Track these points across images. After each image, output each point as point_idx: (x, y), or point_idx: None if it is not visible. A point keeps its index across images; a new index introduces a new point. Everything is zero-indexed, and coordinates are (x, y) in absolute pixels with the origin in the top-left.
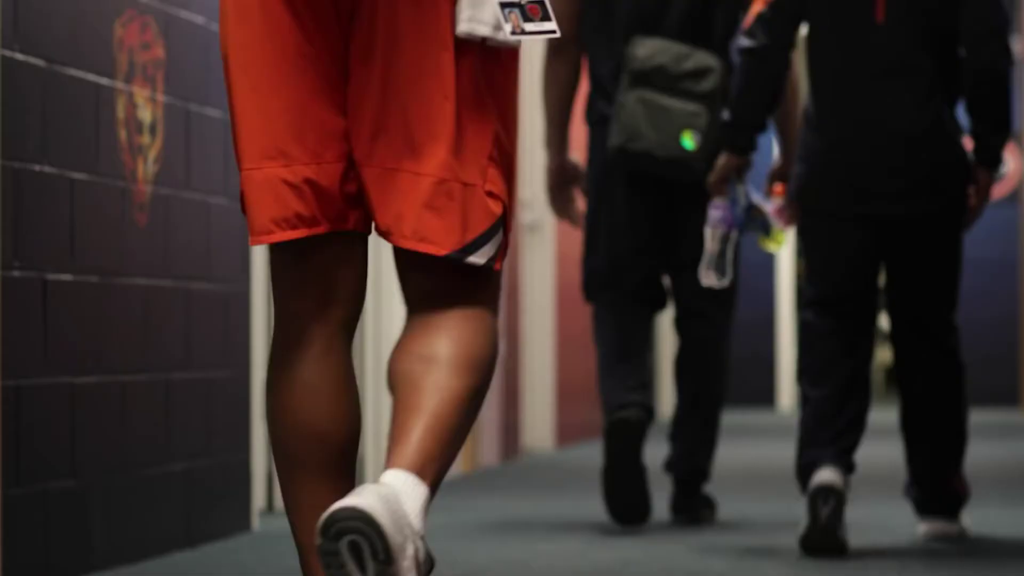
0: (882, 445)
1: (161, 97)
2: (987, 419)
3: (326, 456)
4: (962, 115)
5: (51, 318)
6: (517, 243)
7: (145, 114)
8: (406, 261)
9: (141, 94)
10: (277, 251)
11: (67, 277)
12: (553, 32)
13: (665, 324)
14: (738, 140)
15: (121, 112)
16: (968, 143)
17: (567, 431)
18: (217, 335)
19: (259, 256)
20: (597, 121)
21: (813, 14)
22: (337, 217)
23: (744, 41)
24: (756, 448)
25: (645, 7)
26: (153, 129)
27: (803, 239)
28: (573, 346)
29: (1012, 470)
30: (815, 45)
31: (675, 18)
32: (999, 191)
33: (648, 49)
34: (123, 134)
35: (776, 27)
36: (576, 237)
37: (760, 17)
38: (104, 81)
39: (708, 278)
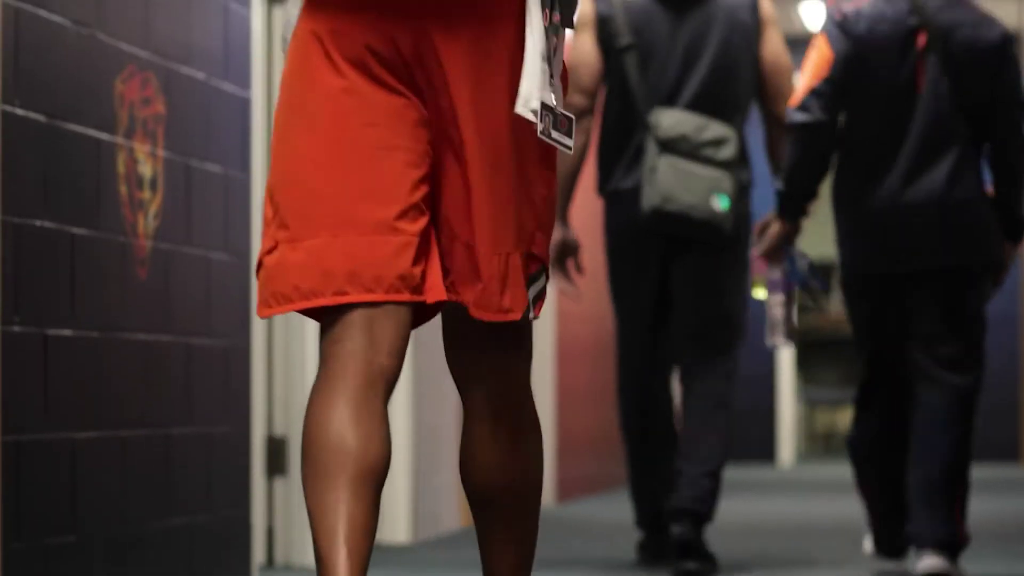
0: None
1: (162, 152)
2: (987, 474)
3: (355, 472)
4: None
5: (51, 373)
6: None
7: (146, 169)
8: (471, 328)
9: (142, 149)
10: (337, 311)
11: (67, 332)
12: (568, 148)
13: None
14: (791, 208)
15: (122, 167)
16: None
17: (568, 486)
18: (217, 390)
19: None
20: (613, 192)
21: (857, 86)
22: (395, 287)
23: (798, 116)
24: (756, 503)
25: (662, 83)
26: (154, 184)
27: (849, 295)
28: (573, 401)
29: (1012, 525)
30: (855, 114)
31: (690, 94)
32: None
33: (671, 119)
34: (124, 189)
35: (830, 102)
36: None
37: (814, 92)
38: (105, 136)
39: (776, 341)
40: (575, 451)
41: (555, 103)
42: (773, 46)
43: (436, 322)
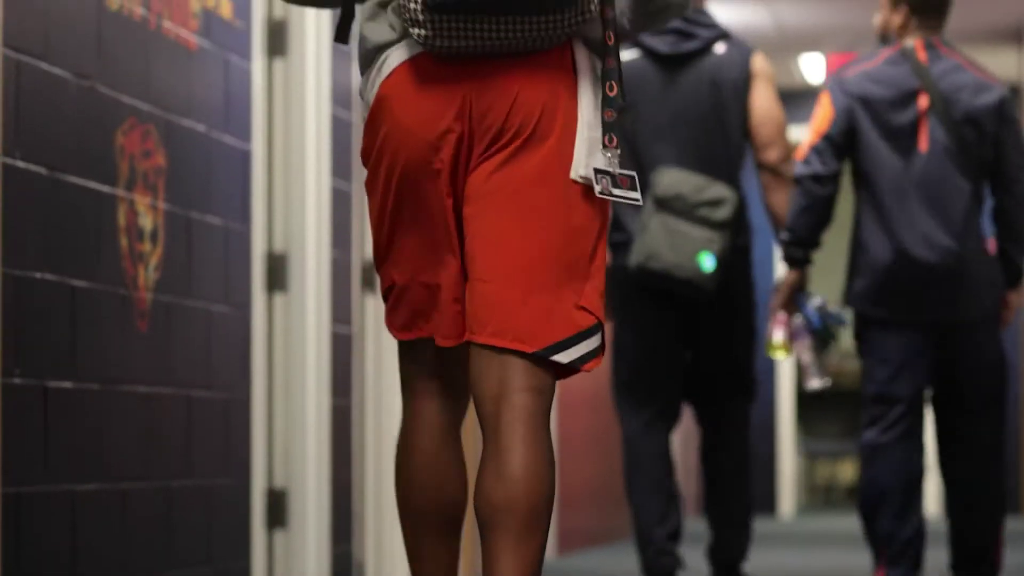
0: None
1: (162, 205)
2: None
3: (440, 515)
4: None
5: (52, 425)
6: None
7: (146, 222)
8: (492, 359)
9: (142, 202)
10: (407, 344)
11: (68, 384)
12: (636, 201)
13: None
14: (797, 256)
15: (122, 220)
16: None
17: (569, 538)
18: (217, 442)
19: (259, 364)
20: (613, 245)
21: (861, 145)
22: (457, 332)
23: (800, 168)
24: (758, 555)
25: (655, 141)
26: (154, 236)
27: (862, 345)
28: (573, 451)
29: None
30: (862, 172)
31: (683, 152)
32: None
33: (671, 178)
34: (124, 241)
35: (828, 157)
36: None
37: (815, 149)
38: (105, 189)
39: (813, 383)
40: (576, 502)
41: (610, 166)
42: (762, 99)
43: None
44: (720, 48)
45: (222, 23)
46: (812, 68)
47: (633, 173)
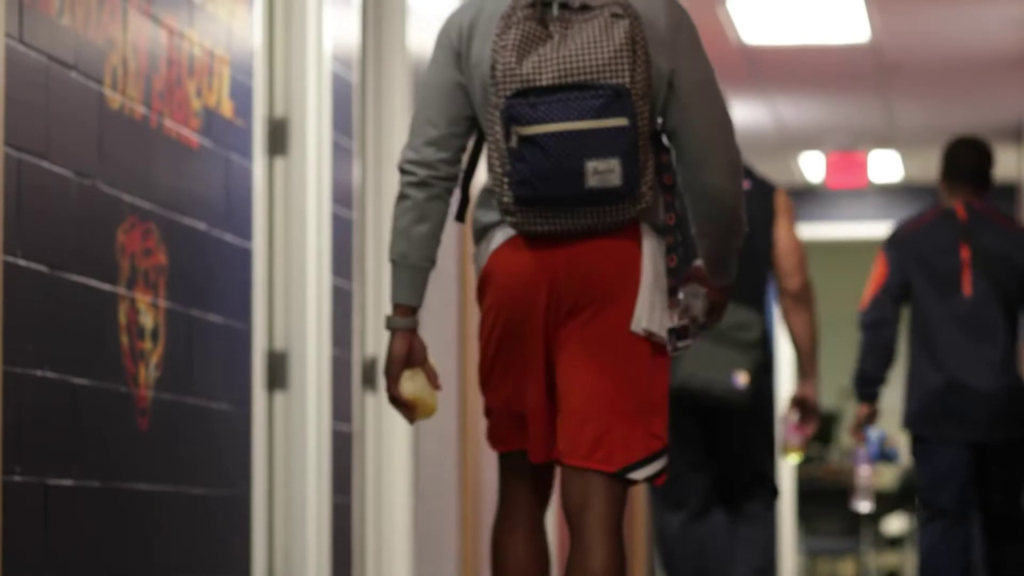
0: None
1: (163, 303)
2: None
3: None
4: None
5: (52, 523)
6: None
7: (147, 320)
8: (580, 476)
9: (143, 300)
10: (502, 455)
11: (68, 482)
12: (689, 347)
13: None
14: (866, 392)
15: (123, 318)
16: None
17: None
18: (218, 540)
19: (259, 462)
20: None
21: (915, 292)
22: (543, 451)
23: (864, 316)
24: None
25: None
26: (155, 335)
27: (915, 458)
28: None
29: None
30: (917, 314)
31: None
32: None
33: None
34: (125, 340)
35: (887, 307)
36: None
37: (875, 300)
38: (106, 287)
39: (862, 506)
40: None
41: (669, 324)
42: (785, 233)
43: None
44: (744, 185)
45: (223, 122)
46: (812, 167)
47: (687, 323)
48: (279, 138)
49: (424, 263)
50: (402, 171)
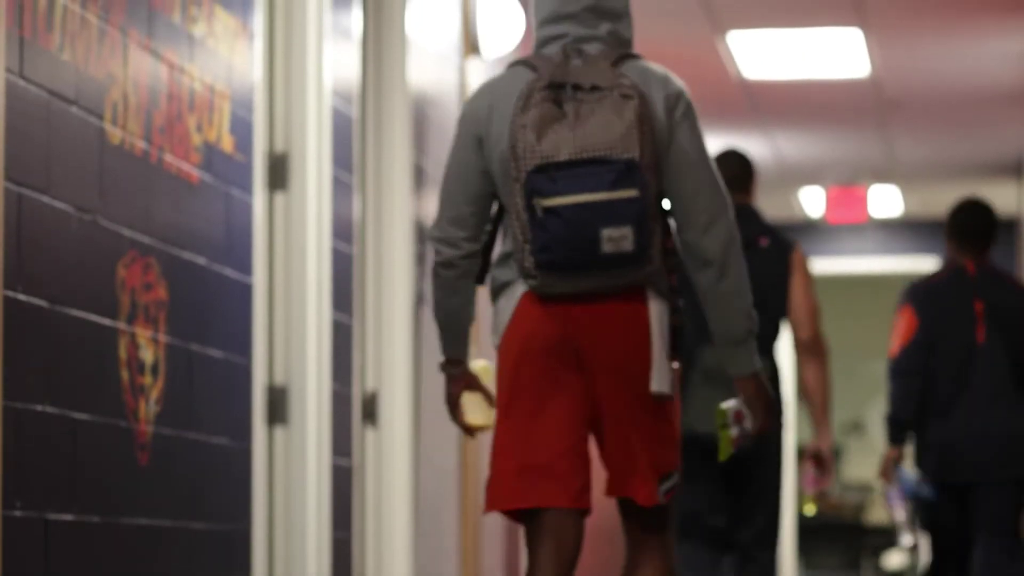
0: None
1: (163, 338)
2: None
3: None
4: None
5: (52, 557)
6: None
7: (147, 355)
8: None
9: (143, 335)
10: (528, 515)
11: (68, 517)
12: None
13: None
14: (899, 436)
15: (123, 352)
16: None
17: None
18: (219, 575)
19: (259, 497)
20: None
21: (935, 340)
22: (570, 497)
23: (894, 365)
24: None
25: (704, 323)
26: (155, 370)
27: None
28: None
29: None
30: (935, 360)
31: None
32: None
33: (715, 356)
34: (125, 374)
35: (919, 356)
36: None
37: (904, 350)
38: (106, 322)
39: (905, 541)
40: None
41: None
42: (800, 288)
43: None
44: (764, 242)
45: (223, 157)
46: (812, 201)
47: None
48: (279, 173)
49: (464, 324)
50: (433, 246)
